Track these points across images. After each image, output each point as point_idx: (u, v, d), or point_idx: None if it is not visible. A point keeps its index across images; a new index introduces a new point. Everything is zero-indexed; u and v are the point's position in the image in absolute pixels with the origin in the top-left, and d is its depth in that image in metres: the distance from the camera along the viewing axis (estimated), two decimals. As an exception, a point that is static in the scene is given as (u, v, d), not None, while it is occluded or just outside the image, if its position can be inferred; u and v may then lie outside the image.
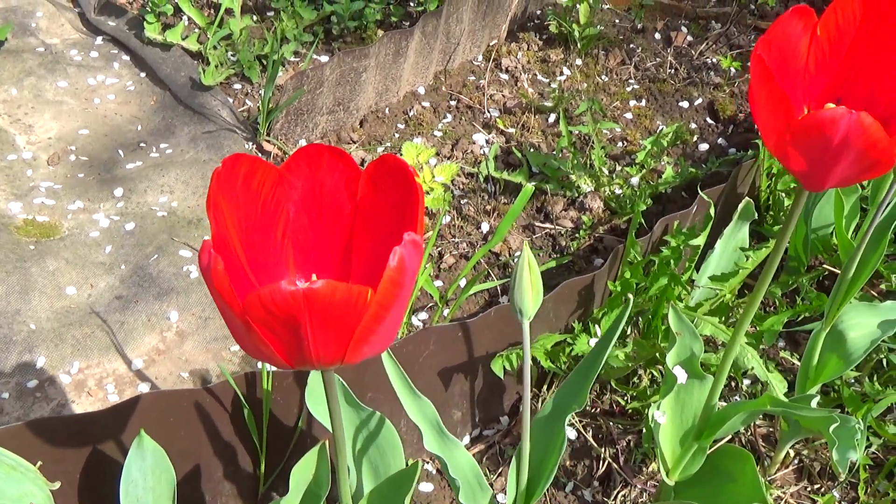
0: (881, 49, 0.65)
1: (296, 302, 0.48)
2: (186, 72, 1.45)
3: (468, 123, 1.46)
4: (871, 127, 0.56)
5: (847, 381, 1.10)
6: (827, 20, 0.66)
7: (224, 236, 0.55)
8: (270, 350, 0.51)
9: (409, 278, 0.52)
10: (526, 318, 0.66)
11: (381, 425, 0.83)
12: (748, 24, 1.72)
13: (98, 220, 1.23)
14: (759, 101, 0.60)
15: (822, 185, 0.62)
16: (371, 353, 0.54)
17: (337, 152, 0.59)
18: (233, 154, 0.56)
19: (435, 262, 1.25)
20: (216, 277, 0.49)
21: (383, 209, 0.58)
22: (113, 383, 1.06)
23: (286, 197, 0.59)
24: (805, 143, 0.59)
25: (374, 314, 0.51)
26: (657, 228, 1.13)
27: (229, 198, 0.56)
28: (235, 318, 0.51)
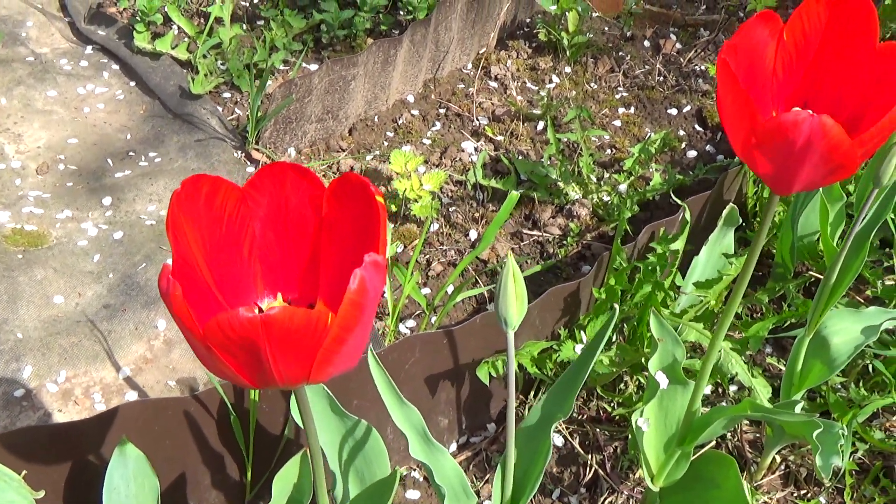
0: (846, 53, 0.66)
1: (254, 328, 0.48)
2: (176, 81, 1.46)
3: (457, 131, 1.47)
4: (833, 129, 0.57)
5: (833, 387, 1.10)
6: (793, 25, 0.66)
7: (187, 257, 0.55)
8: (233, 372, 0.52)
9: (371, 299, 0.52)
10: (511, 327, 0.66)
11: (367, 434, 0.83)
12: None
13: (86, 228, 1.23)
14: (725, 105, 0.61)
15: (790, 189, 0.63)
16: (337, 371, 0.54)
17: (301, 170, 0.59)
18: (193, 175, 0.56)
19: (423, 269, 1.25)
20: (175, 303, 0.49)
21: (347, 225, 0.59)
22: (100, 392, 1.06)
23: (251, 214, 0.59)
24: (769, 146, 0.60)
25: (335, 336, 0.51)
26: (643, 235, 1.13)
27: (192, 218, 0.56)
28: (196, 342, 0.51)
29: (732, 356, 0.99)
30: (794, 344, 0.97)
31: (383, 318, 1.17)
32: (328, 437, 0.83)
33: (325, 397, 0.82)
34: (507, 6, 1.63)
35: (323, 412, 0.82)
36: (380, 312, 1.19)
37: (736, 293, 0.75)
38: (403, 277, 1.13)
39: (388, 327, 1.14)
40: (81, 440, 0.86)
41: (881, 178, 0.80)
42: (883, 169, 0.80)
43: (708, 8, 1.78)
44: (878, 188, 0.81)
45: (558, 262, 1.26)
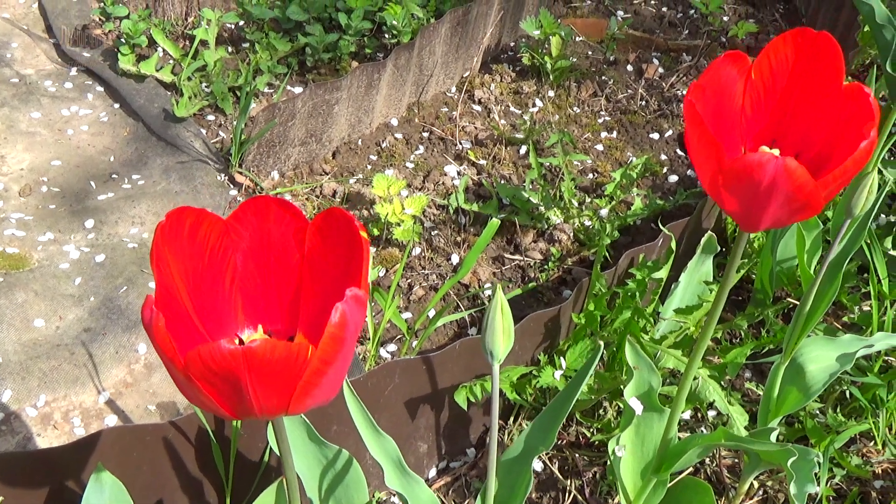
0: (813, 93, 0.67)
1: (235, 360, 0.49)
2: (160, 103, 1.46)
3: (440, 155, 1.48)
4: (797, 171, 0.58)
5: (811, 412, 1.11)
6: (761, 64, 0.67)
7: (170, 287, 0.56)
8: (213, 403, 0.52)
9: (351, 333, 0.52)
10: (496, 360, 0.67)
11: (346, 462, 0.83)
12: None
13: (68, 251, 1.24)
14: (693, 145, 0.62)
15: (757, 227, 0.64)
16: (315, 403, 0.54)
17: (284, 203, 0.60)
18: (178, 207, 0.57)
19: (404, 293, 1.26)
20: (158, 333, 0.50)
21: (330, 260, 0.59)
22: (79, 416, 1.06)
23: (234, 247, 0.60)
24: (736, 185, 0.61)
25: (315, 369, 0.51)
26: (623, 261, 1.14)
27: (175, 249, 0.57)
28: (178, 373, 0.51)
29: (710, 383, 1.00)
30: (771, 371, 0.97)
31: (364, 342, 1.18)
32: (307, 465, 0.83)
33: (303, 425, 0.82)
34: (490, 30, 1.65)
35: (301, 440, 0.82)
36: (361, 337, 1.19)
37: (709, 323, 0.75)
38: (384, 302, 1.13)
39: (368, 352, 1.14)
40: (59, 466, 0.86)
41: (853, 209, 0.82)
42: (855, 200, 0.81)
43: (690, 33, 1.80)
44: (851, 219, 0.82)
45: (539, 287, 1.27)
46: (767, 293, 1.23)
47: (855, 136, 0.61)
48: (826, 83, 0.66)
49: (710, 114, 0.66)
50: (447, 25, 1.54)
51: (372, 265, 1.26)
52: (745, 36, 1.77)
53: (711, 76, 0.65)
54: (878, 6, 1.35)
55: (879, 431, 1.09)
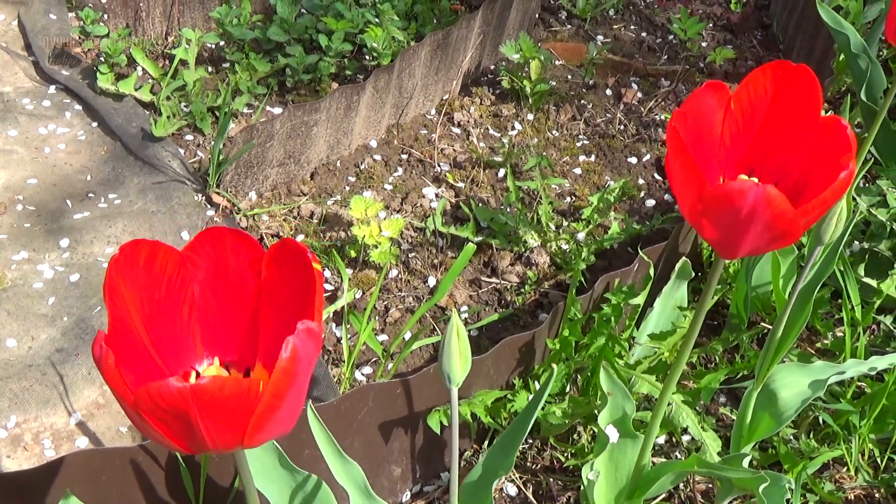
0: (791, 124, 0.68)
1: (184, 398, 0.48)
2: (138, 122, 1.46)
3: (419, 177, 1.48)
4: (777, 199, 0.58)
5: (784, 438, 1.11)
6: (740, 95, 0.68)
7: (124, 320, 0.56)
8: (167, 439, 0.52)
9: (304, 367, 0.52)
10: (454, 384, 0.67)
11: (317, 487, 0.83)
12: (696, 82, 1.75)
13: (42, 270, 1.23)
14: (674, 171, 0.62)
15: (735, 254, 0.64)
16: (271, 437, 0.54)
17: (240, 234, 0.60)
18: (131, 240, 0.57)
19: (381, 315, 1.25)
20: (107, 370, 0.50)
21: (286, 291, 0.59)
22: (50, 438, 1.05)
23: (191, 278, 0.60)
24: (716, 212, 0.61)
25: (268, 404, 0.51)
26: (598, 285, 1.15)
27: (130, 281, 0.56)
28: (129, 409, 0.51)
29: (684, 409, 1.00)
30: (744, 397, 0.98)
31: (339, 364, 1.17)
32: (277, 492, 0.82)
33: (275, 451, 0.81)
34: (470, 53, 1.66)
35: (272, 466, 0.81)
36: (336, 359, 1.19)
37: (683, 350, 0.76)
38: (360, 324, 1.13)
39: (343, 374, 1.14)
40: (28, 489, 0.85)
41: (823, 236, 0.82)
42: (824, 228, 0.82)
43: (669, 58, 1.81)
44: (821, 246, 0.83)
45: (516, 311, 1.27)
46: (742, 318, 1.24)
47: (832, 167, 0.62)
48: (804, 115, 0.67)
49: (690, 142, 0.66)
50: (427, 48, 1.54)
51: (348, 287, 1.26)
52: (723, 62, 1.78)
53: (692, 105, 0.66)
54: (854, 35, 1.37)
55: (852, 457, 1.10)
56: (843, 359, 1.14)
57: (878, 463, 1.11)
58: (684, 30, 1.80)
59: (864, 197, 1.27)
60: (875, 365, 0.98)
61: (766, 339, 1.26)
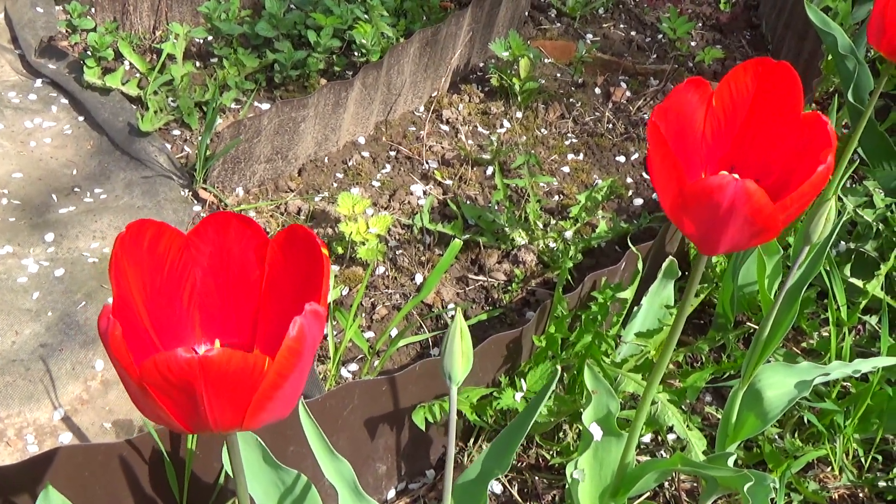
0: (772, 121, 0.68)
1: (192, 369, 0.48)
2: (125, 117, 1.45)
3: (407, 174, 1.48)
4: (756, 194, 0.58)
5: (769, 437, 1.11)
6: (721, 92, 0.68)
7: (127, 300, 0.56)
8: (167, 415, 0.52)
9: (309, 348, 0.52)
10: (455, 383, 0.67)
11: (301, 485, 0.83)
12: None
13: (27, 265, 1.22)
14: (655, 167, 0.62)
15: (715, 250, 0.64)
16: (270, 419, 0.54)
17: (244, 220, 0.60)
18: (137, 219, 0.57)
19: (367, 312, 1.25)
20: (114, 343, 0.50)
21: (290, 277, 0.59)
22: (33, 433, 1.04)
23: (193, 262, 0.60)
24: (696, 207, 0.61)
25: (271, 382, 0.51)
26: (586, 283, 1.14)
27: (134, 262, 0.56)
28: (132, 383, 0.51)
29: (669, 408, 1.00)
30: (729, 396, 0.98)
31: (325, 361, 1.17)
32: (262, 489, 0.82)
33: (259, 448, 0.81)
34: (460, 51, 1.65)
35: (256, 463, 0.81)
36: (322, 356, 1.18)
37: (667, 348, 0.76)
38: (345, 321, 1.13)
39: (329, 371, 1.14)
40: (10, 485, 0.85)
41: (811, 235, 0.82)
42: (813, 227, 0.82)
43: (658, 58, 1.82)
44: (808, 245, 0.83)
45: (503, 309, 1.27)
46: (728, 318, 1.24)
47: (813, 162, 0.62)
48: (785, 111, 0.67)
49: (672, 138, 0.66)
50: (416, 45, 1.54)
51: (335, 284, 1.26)
52: (711, 62, 1.79)
53: (674, 101, 0.66)
54: (841, 36, 1.37)
55: (836, 457, 1.10)
56: (828, 359, 1.14)
57: (862, 463, 1.11)
58: (673, 29, 1.80)
59: (850, 197, 1.27)
60: (859, 367, 0.98)
61: (752, 339, 1.27)
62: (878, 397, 1.08)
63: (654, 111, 0.65)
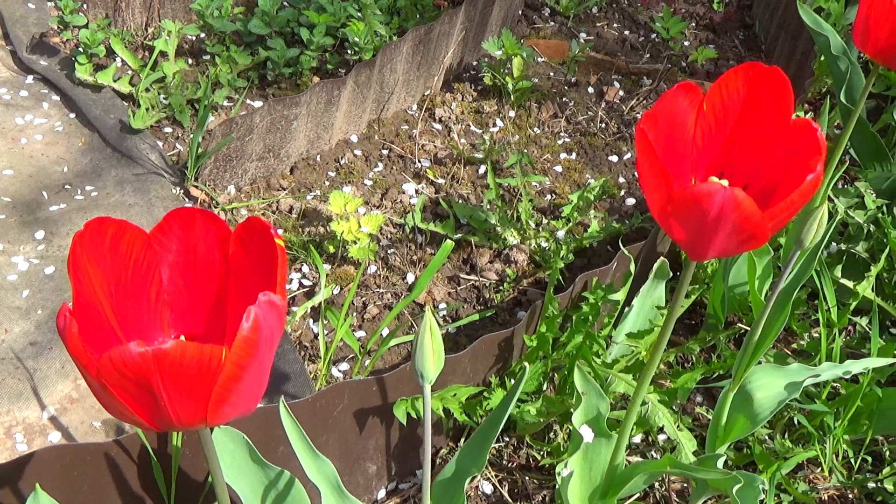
0: (762, 126, 0.68)
1: (146, 363, 0.48)
2: (116, 114, 1.45)
3: (399, 173, 1.47)
4: (745, 202, 0.58)
5: (759, 438, 1.12)
6: (712, 96, 0.68)
7: (90, 298, 0.55)
8: (131, 412, 0.51)
9: (266, 338, 0.52)
10: (427, 382, 0.67)
11: (289, 484, 0.83)
12: (678, 81, 1.75)
13: (17, 263, 1.22)
14: (643, 173, 0.62)
15: (704, 255, 0.64)
16: (235, 414, 0.54)
17: (209, 215, 0.60)
18: (96, 217, 0.56)
19: (359, 312, 1.25)
20: (70, 339, 0.49)
21: (252, 269, 0.59)
22: (22, 432, 1.04)
23: (159, 259, 0.60)
24: (684, 214, 0.61)
25: (230, 374, 0.51)
26: (577, 284, 1.14)
27: (96, 260, 0.56)
28: (94, 381, 0.51)
29: (659, 408, 1.00)
30: (720, 397, 0.98)
31: (316, 361, 1.17)
32: (249, 487, 0.82)
33: (245, 445, 0.81)
34: (453, 49, 1.65)
35: (243, 461, 0.81)
36: (312, 355, 1.18)
37: (656, 350, 0.76)
38: (336, 320, 1.13)
39: (320, 371, 1.14)
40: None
41: (804, 240, 0.82)
42: (806, 231, 0.82)
43: (651, 57, 1.82)
44: (801, 250, 0.83)
45: (494, 308, 1.27)
46: (719, 318, 1.24)
47: (802, 169, 0.62)
48: (775, 117, 0.67)
49: (662, 143, 0.66)
50: (409, 43, 1.54)
51: (326, 283, 1.25)
52: (704, 61, 1.79)
53: (664, 106, 0.66)
54: (834, 37, 1.37)
55: (826, 458, 1.10)
56: (818, 360, 1.15)
57: (851, 464, 1.11)
58: (667, 29, 1.80)
59: (841, 198, 1.27)
60: (849, 369, 0.98)
61: (742, 339, 1.27)
62: (867, 399, 1.08)
63: (643, 117, 0.65)
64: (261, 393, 0.55)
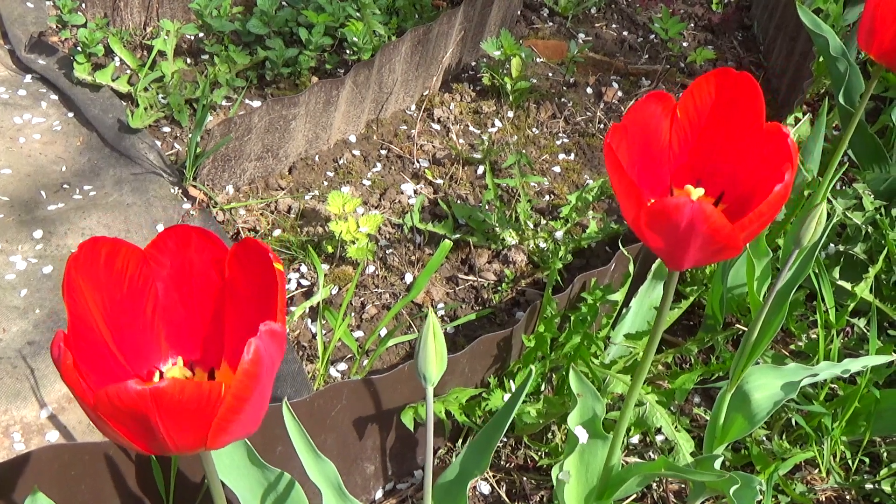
0: (735, 132, 0.68)
1: (143, 401, 0.48)
2: (115, 113, 1.45)
3: (397, 173, 1.47)
4: (713, 215, 0.58)
5: (757, 439, 1.12)
6: (685, 103, 0.68)
7: (85, 319, 0.55)
8: (128, 441, 0.51)
9: (267, 369, 0.52)
10: (430, 384, 0.67)
11: (287, 485, 0.83)
12: (676, 82, 1.76)
13: (15, 262, 1.21)
14: (615, 186, 0.63)
15: (681, 265, 0.64)
16: (235, 438, 0.53)
17: (204, 232, 0.59)
18: (90, 238, 0.56)
19: (357, 312, 1.25)
20: (66, 371, 0.49)
21: (249, 289, 0.59)
22: (20, 431, 1.04)
23: (154, 276, 0.59)
24: (656, 226, 0.61)
25: (230, 407, 0.50)
26: (576, 284, 1.14)
27: (91, 280, 0.56)
28: (89, 411, 0.50)
29: (657, 409, 1.00)
30: (717, 398, 0.98)
31: (314, 361, 1.17)
32: (248, 488, 0.82)
33: (244, 447, 0.81)
34: (451, 49, 1.65)
35: (241, 462, 0.81)
36: (310, 356, 1.18)
37: (647, 352, 0.76)
38: (335, 320, 1.13)
39: (318, 371, 1.14)
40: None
41: (802, 239, 0.82)
42: (804, 231, 0.82)
43: (650, 58, 1.82)
44: (798, 249, 0.83)
45: (493, 309, 1.27)
46: (717, 319, 1.24)
47: (775, 175, 0.62)
48: (748, 123, 0.67)
49: (637, 151, 0.66)
50: (408, 44, 1.54)
51: (324, 283, 1.25)
52: (703, 62, 1.79)
53: (636, 116, 0.66)
54: (833, 38, 1.37)
55: (824, 459, 1.10)
56: (816, 361, 1.15)
57: (849, 465, 1.12)
58: (665, 29, 1.80)
59: (840, 200, 1.27)
60: (848, 367, 0.98)
61: (740, 340, 1.27)
62: (865, 400, 1.08)
63: (610, 131, 0.64)
64: (261, 416, 0.54)
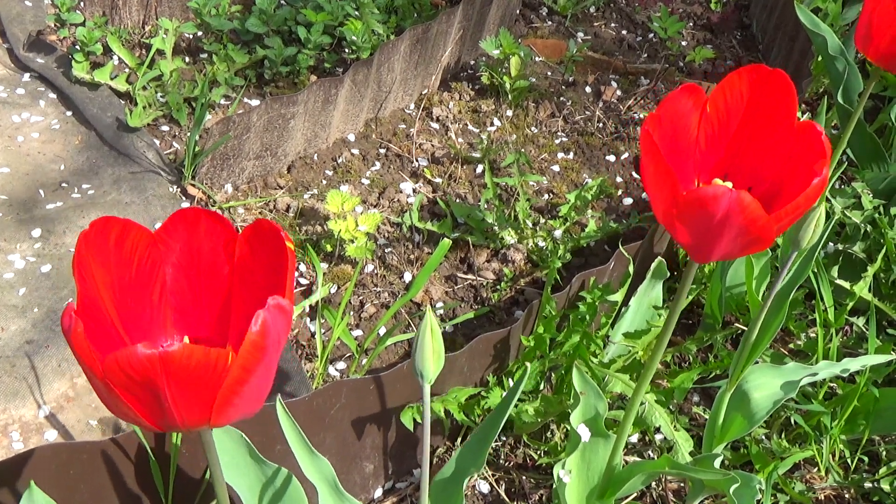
0: (766, 129, 0.68)
1: (152, 365, 0.48)
2: (113, 112, 1.44)
3: (396, 172, 1.47)
4: (751, 205, 0.58)
5: (756, 438, 1.12)
6: (716, 98, 0.68)
7: (94, 298, 0.55)
8: (135, 413, 0.51)
9: (274, 342, 0.52)
10: (427, 381, 0.67)
11: (286, 481, 0.82)
12: (675, 81, 1.76)
13: (13, 261, 1.21)
14: (648, 175, 0.62)
15: (709, 257, 0.64)
16: (239, 415, 0.54)
17: (214, 216, 0.60)
18: (101, 217, 0.56)
19: (356, 311, 1.25)
20: (76, 340, 0.49)
21: (259, 271, 0.59)
22: (18, 430, 1.04)
23: (163, 259, 0.59)
24: (690, 217, 0.61)
25: (236, 377, 0.51)
26: (574, 283, 1.14)
27: (100, 260, 0.56)
28: (98, 381, 0.51)
29: (656, 408, 1.00)
30: (716, 397, 0.98)
31: (313, 360, 1.17)
32: (246, 484, 0.82)
33: (244, 444, 0.81)
34: (450, 48, 1.65)
35: (241, 458, 0.81)
36: (309, 354, 1.18)
37: (656, 351, 0.76)
38: (333, 319, 1.13)
39: (317, 369, 1.13)
40: (-7, 483, 0.84)
41: (800, 241, 0.82)
42: (802, 232, 0.82)
43: (649, 57, 1.82)
44: (797, 250, 0.83)
45: (491, 307, 1.27)
46: (716, 318, 1.24)
47: (806, 172, 0.62)
48: (779, 120, 0.67)
49: (666, 145, 0.66)
50: (407, 42, 1.54)
51: (323, 282, 1.25)
52: (702, 61, 1.79)
53: (668, 108, 0.66)
54: (831, 37, 1.37)
55: (823, 458, 1.10)
56: (815, 360, 1.15)
57: (848, 464, 1.12)
58: (664, 28, 1.80)
59: (838, 199, 1.27)
60: (847, 366, 0.98)
61: (739, 339, 1.27)
62: (864, 399, 1.08)
63: (647, 119, 0.64)
64: (265, 395, 0.55)
